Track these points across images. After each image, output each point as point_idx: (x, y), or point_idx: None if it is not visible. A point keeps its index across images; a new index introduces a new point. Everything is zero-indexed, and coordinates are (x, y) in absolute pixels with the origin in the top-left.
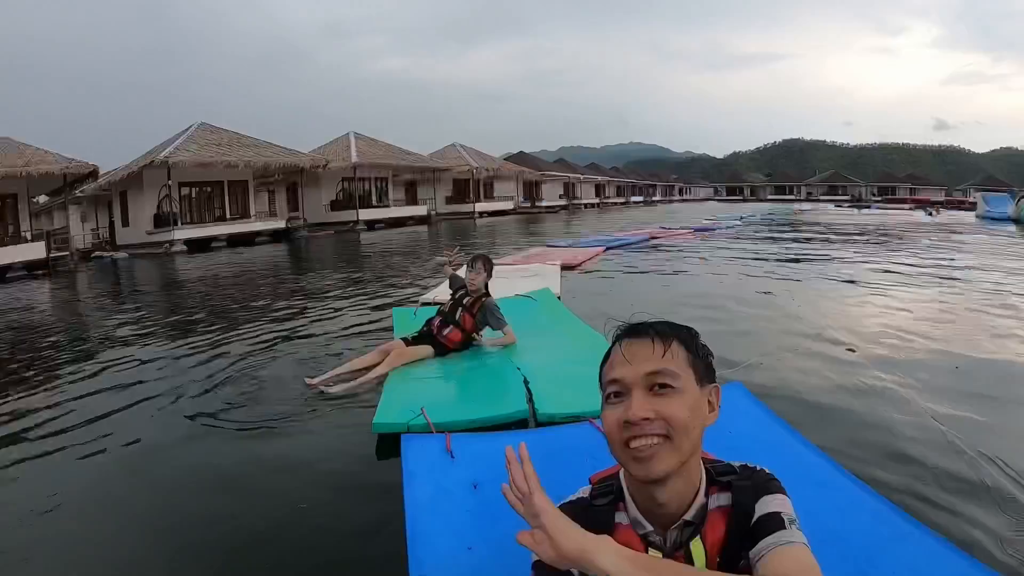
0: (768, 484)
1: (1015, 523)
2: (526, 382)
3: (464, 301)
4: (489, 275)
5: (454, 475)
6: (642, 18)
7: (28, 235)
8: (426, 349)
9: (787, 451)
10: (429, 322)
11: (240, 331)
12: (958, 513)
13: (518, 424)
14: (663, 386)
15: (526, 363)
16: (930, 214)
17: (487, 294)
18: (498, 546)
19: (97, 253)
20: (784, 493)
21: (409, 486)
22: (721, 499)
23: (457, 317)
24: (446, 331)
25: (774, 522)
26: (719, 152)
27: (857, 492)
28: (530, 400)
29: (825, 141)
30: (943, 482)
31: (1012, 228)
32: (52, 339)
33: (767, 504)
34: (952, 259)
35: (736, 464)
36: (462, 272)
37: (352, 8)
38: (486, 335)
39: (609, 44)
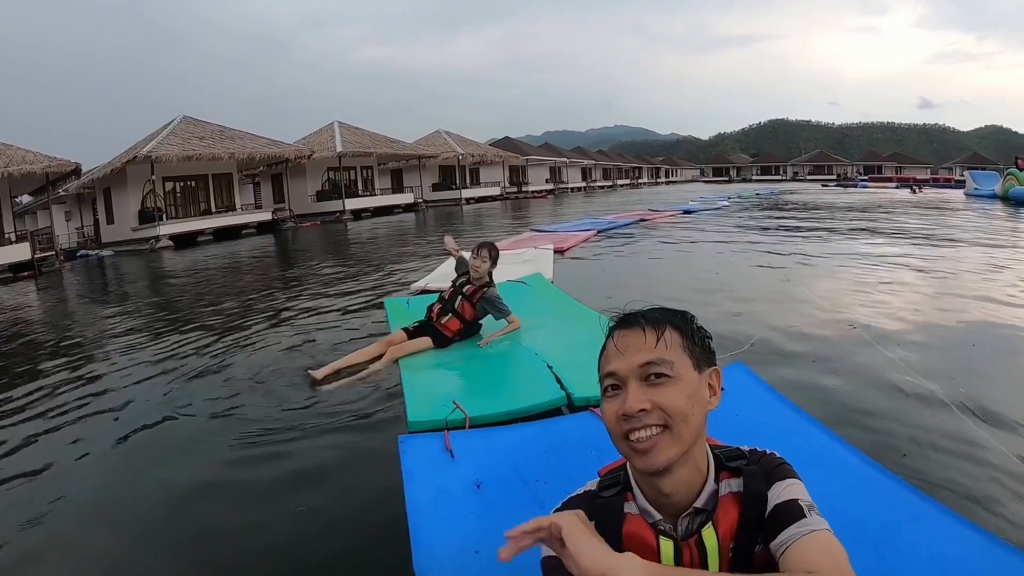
0: (779, 469)
1: None
2: (550, 368)
3: (464, 289)
4: (494, 264)
5: (455, 475)
6: (625, 0)
7: (12, 236)
8: (425, 341)
9: (796, 433)
10: (431, 308)
11: (231, 328)
12: (974, 490)
13: (553, 412)
14: (658, 376)
15: (541, 349)
16: (914, 191)
17: (490, 284)
18: None
19: (82, 252)
20: (796, 477)
21: (409, 489)
22: (732, 485)
23: (456, 305)
24: (444, 319)
25: (793, 511)
26: (704, 134)
27: (870, 472)
28: (561, 386)
29: (811, 121)
30: (954, 458)
31: (999, 205)
32: (40, 341)
33: (781, 491)
34: (941, 235)
35: (745, 449)
36: (468, 255)
37: None
38: (485, 328)
39: (592, 27)
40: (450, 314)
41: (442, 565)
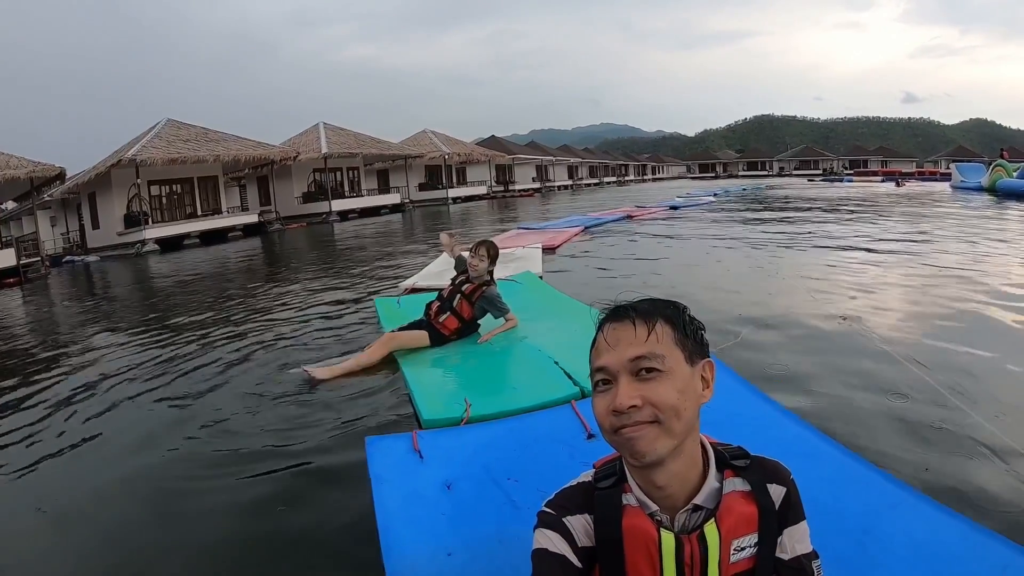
0: (797, 507)
1: (1011, 482)
2: (556, 364)
3: (463, 288)
4: (493, 262)
5: (425, 476)
6: None
7: None
8: (420, 336)
9: (771, 424)
10: (429, 306)
11: (218, 331)
12: (955, 477)
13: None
14: (649, 370)
15: (543, 345)
16: (898, 185)
17: (490, 282)
18: (479, 549)
19: (68, 258)
20: (803, 514)
21: (378, 491)
22: (736, 483)
23: (454, 304)
24: (442, 317)
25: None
26: (690, 130)
27: (846, 462)
28: (572, 381)
29: (796, 116)
30: (937, 449)
31: (986, 197)
32: (23, 349)
33: (797, 540)
34: (927, 227)
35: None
36: (467, 254)
37: None
38: (483, 326)
39: (579, 25)
40: (448, 312)
41: (414, 569)
